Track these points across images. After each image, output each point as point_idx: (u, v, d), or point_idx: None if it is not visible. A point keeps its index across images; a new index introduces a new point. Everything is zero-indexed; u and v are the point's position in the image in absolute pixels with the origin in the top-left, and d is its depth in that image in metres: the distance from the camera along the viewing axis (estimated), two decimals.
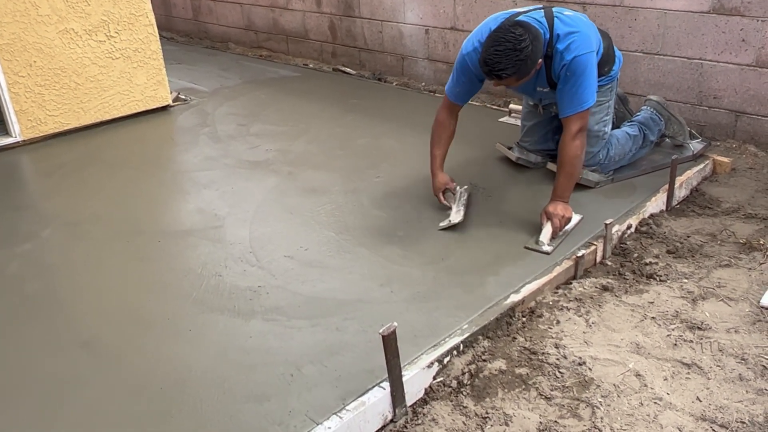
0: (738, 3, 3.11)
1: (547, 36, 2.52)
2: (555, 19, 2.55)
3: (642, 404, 1.76)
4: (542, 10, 2.60)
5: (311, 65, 5.44)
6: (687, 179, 2.93)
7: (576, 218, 2.60)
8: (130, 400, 1.80)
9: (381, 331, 1.67)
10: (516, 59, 2.35)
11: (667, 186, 2.82)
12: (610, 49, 2.82)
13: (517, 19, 2.50)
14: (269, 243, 2.58)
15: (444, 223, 2.61)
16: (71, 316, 2.19)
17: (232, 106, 4.32)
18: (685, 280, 2.32)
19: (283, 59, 5.71)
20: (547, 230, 2.47)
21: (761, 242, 2.50)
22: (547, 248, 2.43)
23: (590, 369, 1.90)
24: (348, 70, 5.13)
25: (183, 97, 4.52)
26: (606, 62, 2.79)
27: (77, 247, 2.63)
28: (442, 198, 2.75)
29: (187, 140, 3.76)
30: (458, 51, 4.57)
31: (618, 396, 1.79)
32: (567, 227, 2.54)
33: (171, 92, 4.33)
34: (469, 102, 4.25)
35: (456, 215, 2.61)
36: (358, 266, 2.39)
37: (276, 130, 3.85)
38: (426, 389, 1.87)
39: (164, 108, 4.26)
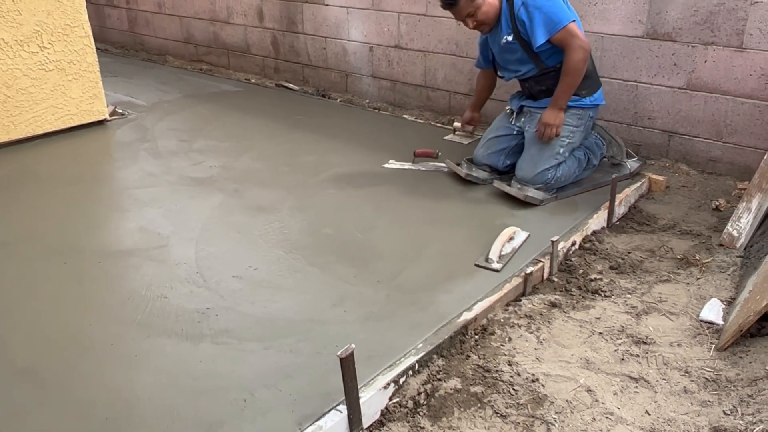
0: (670, 29, 3.27)
1: None
2: None
3: (594, 419, 1.79)
4: None
5: (253, 80, 5.38)
6: (625, 197, 3.04)
7: (523, 235, 2.66)
8: (73, 431, 1.71)
9: (339, 353, 1.65)
10: None
11: (607, 203, 2.92)
12: (592, 73, 3.03)
13: None
14: (216, 263, 2.51)
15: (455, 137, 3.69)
16: (5, 342, 2.06)
17: (173, 120, 4.22)
18: (629, 296, 2.39)
19: (224, 73, 5.62)
20: (496, 247, 2.51)
21: (697, 258, 2.61)
22: (496, 265, 2.46)
23: (543, 386, 1.93)
24: (291, 85, 5.10)
25: (120, 111, 4.38)
26: (581, 83, 2.94)
27: (9, 269, 2.49)
28: (459, 126, 3.65)
29: (125, 156, 3.64)
30: (402, 69, 4.66)
31: (571, 412, 1.82)
32: (515, 244, 2.59)
33: (108, 106, 4.18)
34: (414, 120, 4.34)
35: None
36: (309, 286, 2.36)
37: (219, 146, 3.77)
38: (382, 411, 1.85)
39: (100, 122, 4.12)
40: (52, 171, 3.42)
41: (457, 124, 3.75)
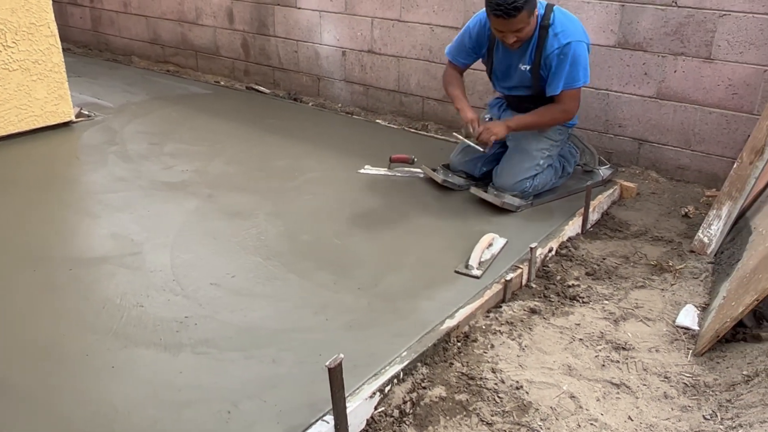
0: (641, 39, 3.33)
1: (542, 11, 2.81)
2: (553, 8, 2.84)
3: (579, 426, 1.81)
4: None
5: (222, 83, 5.30)
6: (599, 204, 3.09)
7: (501, 242, 2.67)
8: None
9: (327, 363, 1.63)
10: None
11: (581, 210, 2.96)
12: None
13: None
14: (193, 270, 2.46)
15: (463, 137, 3.07)
16: None
17: (142, 123, 4.12)
18: (606, 302, 2.42)
19: (193, 75, 5.53)
20: (476, 254, 2.52)
21: (670, 264, 2.67)
22: (476, 272, 2.47)
23: (527, 393, 1.94)
24: (262, 88, 5.05)
25: (86, 112, 4.26)
26: None
27: None
28: (471, 127, 2.98)
29: (94, 159, 3.54)
30: (375, 74, 4.64)
31: (556, 419, 1.84)
32: (493, 251, 2.60)
33: (73, 107, 4.07)
34: (387, 125, 4.32)
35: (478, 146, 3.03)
36: (289, 293, 2.33)
37: (191, 149, 3.70)
38: (368, 420, 1.84)
39: (66, 124, 4.00)
40: (17, 174, 3.31)
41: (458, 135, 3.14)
